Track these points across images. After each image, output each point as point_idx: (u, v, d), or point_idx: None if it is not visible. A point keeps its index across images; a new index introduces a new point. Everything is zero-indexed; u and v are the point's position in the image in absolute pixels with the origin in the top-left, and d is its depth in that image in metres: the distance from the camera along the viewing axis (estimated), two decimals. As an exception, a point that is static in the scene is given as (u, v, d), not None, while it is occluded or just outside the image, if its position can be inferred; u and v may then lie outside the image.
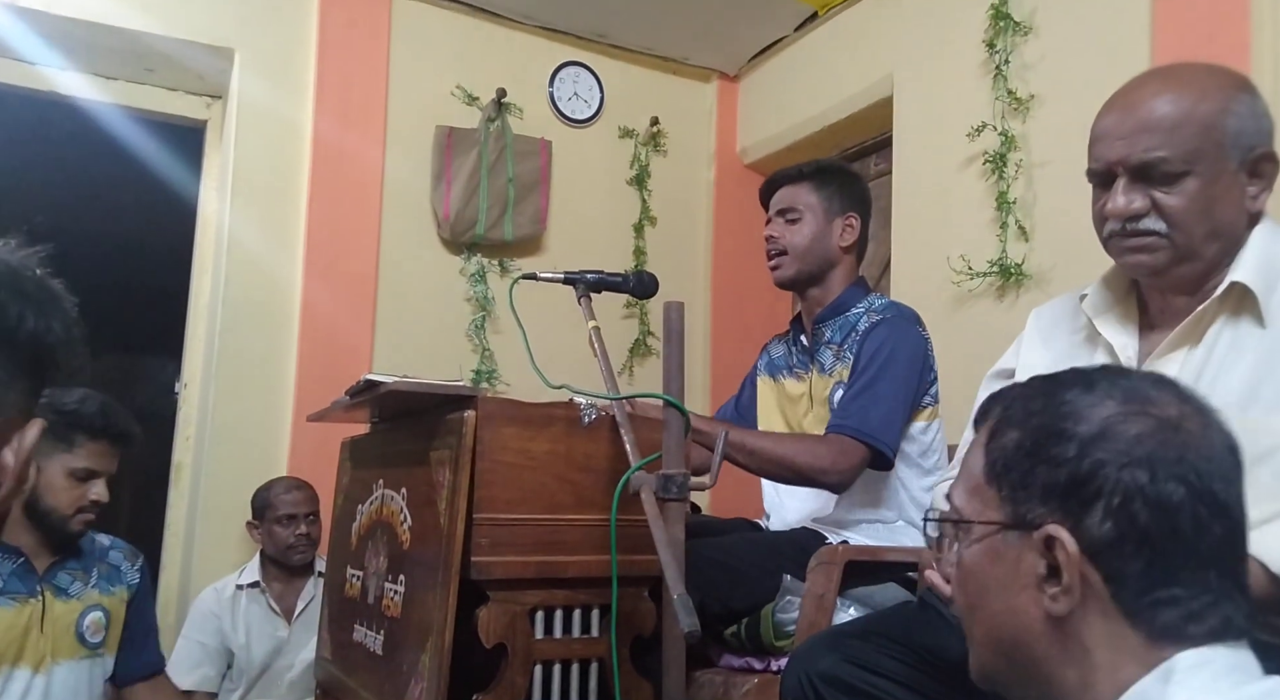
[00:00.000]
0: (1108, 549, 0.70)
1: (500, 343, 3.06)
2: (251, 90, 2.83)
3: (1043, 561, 0.72)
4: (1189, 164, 1.12)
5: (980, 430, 0.81)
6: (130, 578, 1.98)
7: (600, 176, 3.32)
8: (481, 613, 1.44)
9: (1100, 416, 0.72)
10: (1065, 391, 0.75)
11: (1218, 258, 1.16)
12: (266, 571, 2.57)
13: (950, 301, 2.51)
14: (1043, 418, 0.75)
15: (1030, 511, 0.73)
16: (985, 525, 0.76)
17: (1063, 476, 0.72)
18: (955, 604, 0.81)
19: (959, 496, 0.80)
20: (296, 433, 2.74)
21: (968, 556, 0.78)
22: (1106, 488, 0.70)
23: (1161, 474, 0.70)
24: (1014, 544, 0.74)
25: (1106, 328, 1.24)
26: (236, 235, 2.78)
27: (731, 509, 2.29)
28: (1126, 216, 1.15)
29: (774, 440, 1.74)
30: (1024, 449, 0.75)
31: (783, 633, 1.65)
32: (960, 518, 0.80)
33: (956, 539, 0.80)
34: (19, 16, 2.59)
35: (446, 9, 3.09)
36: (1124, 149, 1.15)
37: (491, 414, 1.47)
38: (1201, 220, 1.13)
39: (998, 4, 2.43)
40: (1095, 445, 0.71)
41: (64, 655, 1.82)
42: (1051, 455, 0.72)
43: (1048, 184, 2.33)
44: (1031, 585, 0.73)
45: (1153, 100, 1.15)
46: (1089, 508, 0.70)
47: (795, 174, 1.93)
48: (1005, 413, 0.78)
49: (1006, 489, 0.75)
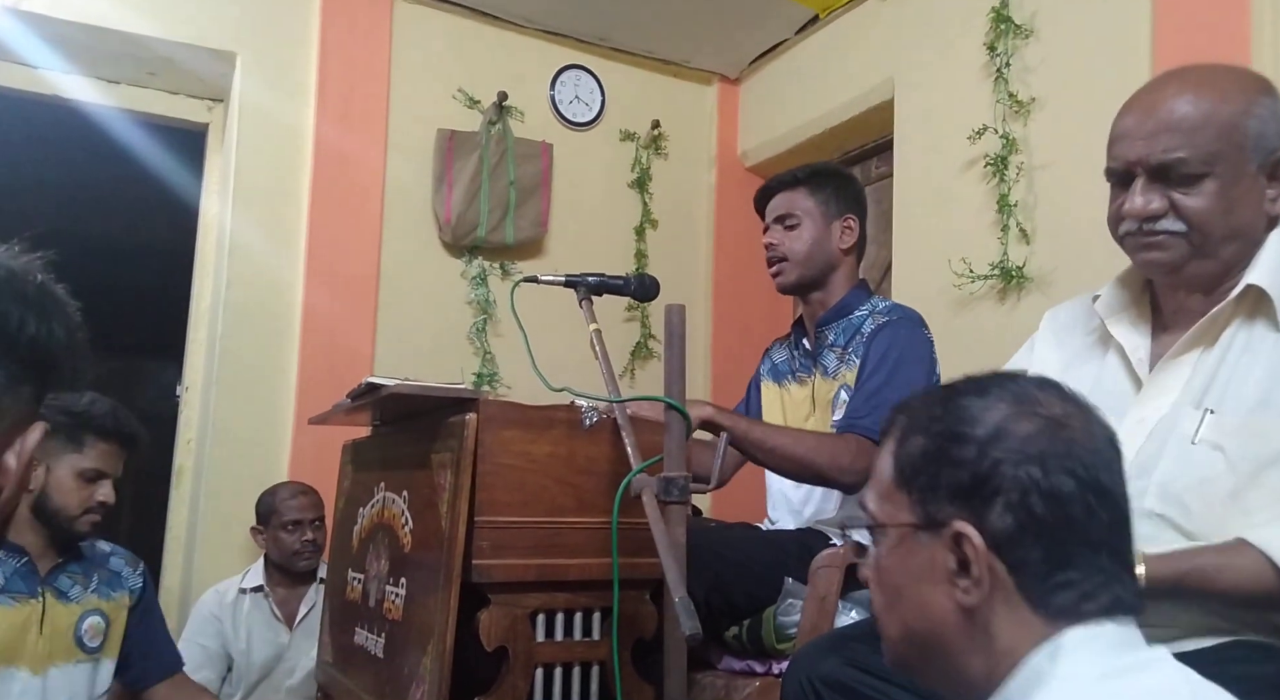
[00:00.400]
0: (1010, 540, 0.75)
1: (501, 345, 3.06)
2: (253, 94, 2.83)
3: (952, 557, 0.77)
4: (1209, 165, 1.12)
5: (885, 439, 0.86)
6: (132, 583, 1.98)
7: (601, 179, 3.32)
8: (483, 616, 1.44)
9: (994, 419, 0.77)
10: (961, 398, 0.80)
11: (1234, 258, 1.15)
12: (270, 577, 2.56)
13: (951, 304, 2.51)
14: (943, 423, 0.79)
15: (939, 511, 0.78)
16: (899, 527, 0.81)
17: (965, 476, 0.77)
18: (874, 603, 0.85)
19: (872, 502, 0.85)
20: (298, 436, 2.74)
21: (884, 558, 0.82)
22: (1005, 484, 0.75)
23: (1053, 468, 0.75)
24: (925, 543, 0.78)
25: (1118, 329, 1.24)
26: (238, 238, 2.79)
27: (733, 512, 2.29)
28: (1144, 217, 1.15)
29: (794, 438, 1.72)
30: (929, 454, 0.79)
31: (784, 635, 1.64)
32: (875, 522, 0.84)
33: (874, 543, 0.85)
34: (21, 20, 2.60)
35: (448, 12, 3.10)
36: (1144, 149, 1.14)
37: (493, 417, 1.47)
38: (1220, 222, 1.13)
39: (998, 7, 2.43)
40: (992, 446, 0.76)
41: (61, 658, 1.82)
42: (954, 457, 0.77)
43: (1049, 186, 2.34)
44: (943, 580, 0.77)
45: (1174, 101, 1.14)
46: (990, 504, 0.75)
47: (790, 179, 1.93)
48: (909, 421, 0.83)
49: (916, 492, 0.80)
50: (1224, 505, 1.07)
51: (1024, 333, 1.43)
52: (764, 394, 2.04)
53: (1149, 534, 1.08)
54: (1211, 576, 1.04)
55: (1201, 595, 1.04)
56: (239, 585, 2.54)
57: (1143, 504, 1.11)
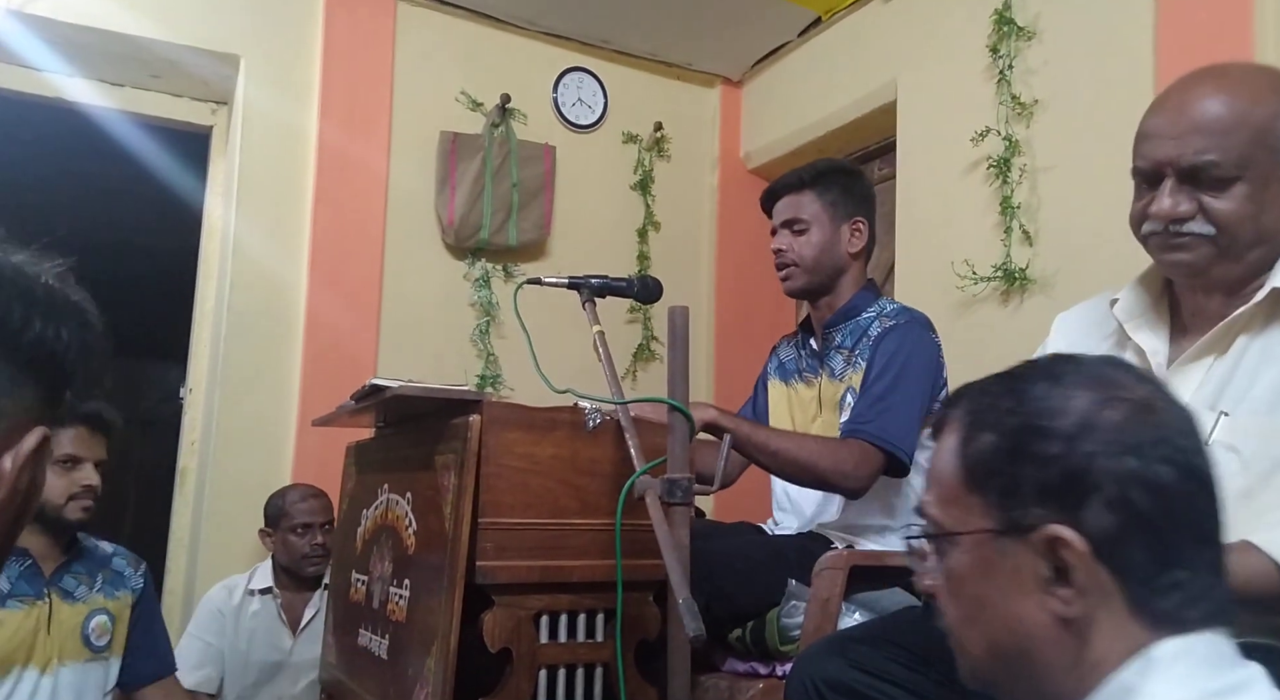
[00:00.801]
0: (1113, 541, 0.68)
1: (504, 347, 3.06)
2: (257, 96, 2.84)
3: (1045, 564, 0.70)
4: (1240, 169, 1.10)
5: (943, 437, 0.79)
6: (134, 583, 1.98)
7: (604, 182, 3.32)
8: (486, 617, 1.44)
9: (1079, 408, 0.71)
10: (1032, 387, 0.74)
11: (1259, 262, 1.14)
12: (277, 579, 2.53)
13: (954, 306, 2.51)
14: (1018, 417, 0.73)
15: (1024, 515, 0.71)
16: (973, 535, 0.74)
17: (1054, 474, 0.70)
18: (946, 613, 0.78)
19: (935, 509, 0.78)
20: (301, 437, 2.74)
21: (957, 568, 0.75)
22: (1102, 479, 0.69)
23: (1150, 456, 0.69)
24: (1009, 550, 0.72)
25: (1138, 332, 1.23)
26: (241, 240, 2.79)
27: (736, 514, 2.29)
28: (1172, 218, 1.13)
29: (796, 442, 1.72)
30: (1005, 451, 0.72)
31: (788, 637, 1.64)
32: (942, 530, 0.76)
33: (939, 552, 0.78)
34: (26, 23, 2.60)
35: (451, 15, 3.10)
36: (1174, 150, 1.12)
37: (496, 418, 1.47)
38: (1249, 225, 1.11)
39: (1001, 9, 2.43)
40: (1081, 438, 0.70)
41: (70, 657, 1.83)
42: (1037, 454, 0.71)
43: (1052, 188, 2.34)
44: (1035, 589, 0.70)
45: (1207, 101, 1.12)
46: (1086, 502, 0.69)
47: (796, 182, 1.91)
48: (973, 417, 0.76)
49: (993, 494, 0.73)
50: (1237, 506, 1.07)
51: (1027, 335, 1.43)
52: (771, 392, 2.03)
53: None
54: None
55: None
56: (247, 586, 2.52)
57: None
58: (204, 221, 3.05)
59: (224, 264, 2.86)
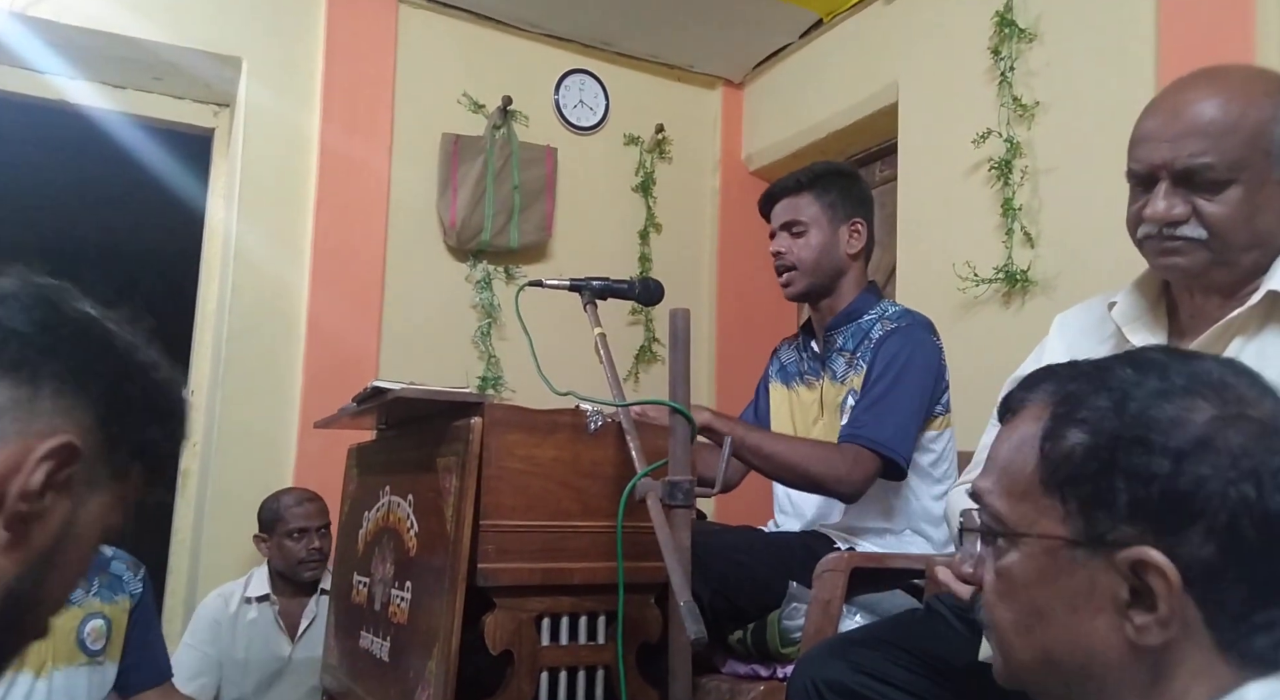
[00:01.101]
0: (1210, 574, 0.62)
1: (505, 349, 3.06)
2: (259, 98, 2.84)
3: (1125, 585, 0.63)
4: (1235, 172, 1.10)
5: (1017, 422, 0.71)
6: (133, 587, 1.97)
7: (605, 183, 3.32)
8: (488, 619, 1.44)
9: (1198, 424, 0.63)
10: (1136, 387, 0.65)
11: (1254, 265, 1.14)
12: (274, 585, 2.50)
13: (956, 308, 2.51)
14: (1119, 423, 0.64)
15: (1111, 531, 0.64)
16: (1044, 539, 0.67)
17: (1155, 493, 0.62)
18: (992, 612, 0.71)
19: (999, 501, 0.70)
20: (303, 439, 2.74)
21: (1017, 568, 0.68)
22: (1211, 506, 0.61)
23: (1269, 486, 0.62)
24: (1083, 562, 0.65)
25: (1136, 336, 1.23)
26: (243, 243, 2.79)
27: (737, 517, 2.29)
28: (1166, 222, 1.13)
29: (789, 445, 1.73)
30: (1098, 458, 0.64)
31: (789, 640, 1.64)
32: (1007, 528, 0.69)
33: (993, 546, 0.71)
34: (28, 26, 2.61)
35: (452, 17, 3.10)
36: (1169, 152, 1.12)
37: (498, 421, 1.47)
38: (1242, 229, 1.11)
39: (1002, 11, 2.43)
40: (1196, 458, 0.62)
41: (64, 661, 1.82)
42: (1138, 469, 0.63)
43: (1053, 190, 2.33)
44: (1109, 609, 0.64)
45: (1201, 104, 1.11)
46: (1188, 528, 0.62)
47: (794, 184, 1.91)
48: (1062, 407, 0.68)
49: (1074, 501, 0.65)
50: None
51: (1028, 336, 1.43)
52: (772, 395, 2.03)
53: None
54: None
55: None
56: (244, 594, 2.49)
57: None
58: (206, 223, 3.06)
59: (226, 266, 2.87)
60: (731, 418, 1.78)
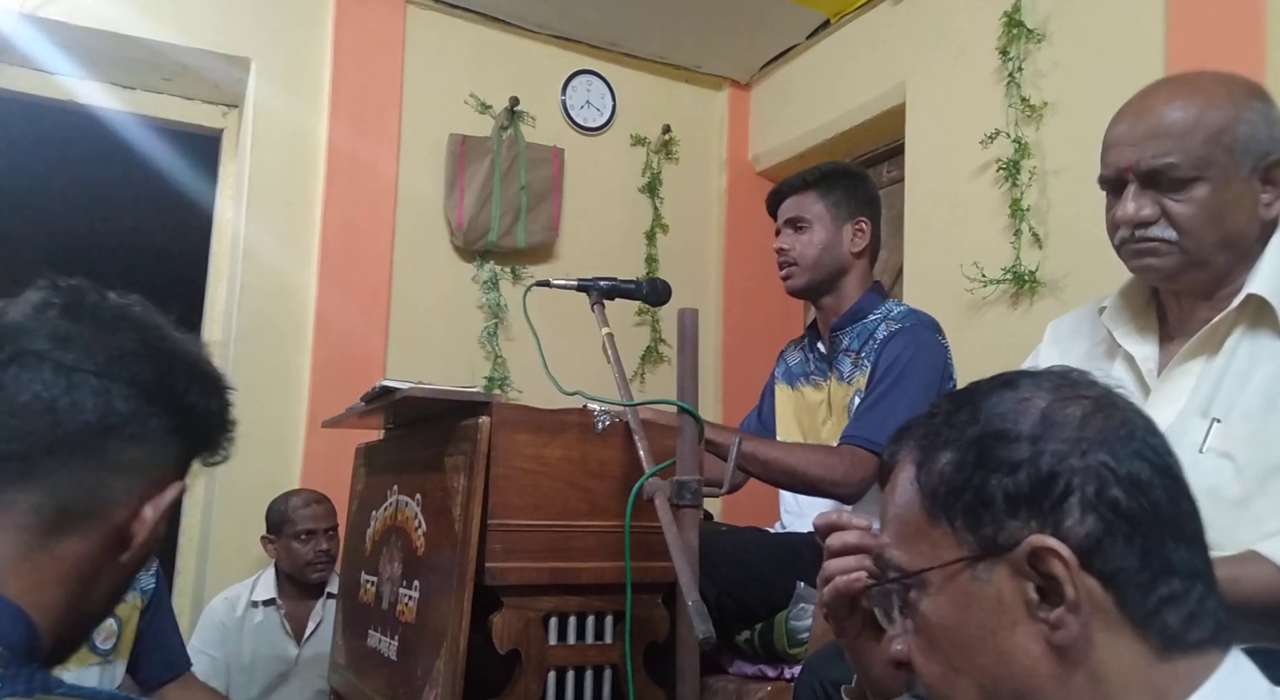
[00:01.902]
0: (1099, 547, 0.61)
1: (512, 349, 3.07)
2: (267, 99, 2.85)
3: (1030, 584, 0.62)
4: (1199, 170, 1.11)
5: (894, 476, 0.72)
6: (144, 583, 1.97)
7: (612, 184, 3.33)
8: (495, 618, 1.45)
9: (1038, 408, 0.65)
10: (988, 396, 0.68)
11: (1231, 265, 1.15)
12: (280, 587, 2.50)
13: (963, 309, 2.51)
14: (976, 426, 0.66)
15: (999, 531, 0.63)
16: (945, 568, 0.65)
17: (1023, 480, 0.63)
18: (923, 673, 0.68)
19: (896, 551, 0.69)
20: (311, 439, 2.75)
21: (932, 611, 0.66)
22: (1075, 479, 0.62)
23: (1122, 452, 0.63)
24: (987, 577, 0.64)
25: (1127, 340, 1.23)
26: (251, 243, 2.80)
27: (744, 517, 2.29)
28: (1135, 223, 1.15)
29: (785, 450, 1.73)
30: (967, 465, 0.65)
31: (796, 640, 1.64)
32: (907, 573, 0.67)
33: (906, 602, 0.69)
34: (39, 27, 2.62)
35: (460, 18, 3.11)
36: (1134, 155, 1.15)
37: (506, 420, 1.48)
38: (1211, 227, 1.13)
39: (1011, 11, 2.43)
40: (1046, 437, 0.64)
41: (75, 662, 1.81)
42: (1001, 460, 0.64)
43: (1062, 191, 2.33)
44: (1023, 618, 0.63)
45: (1163, 107, 1.15)
46: (1063, 506, 0.62)
47: (800, 183, 1.92)
48: (925, 441, 0.69)
49: (960, 517, 0.65)
50: (1234, 513, 1.07)
51: (1036, 338, 1.43)
52: (778, 397, 2.03)
53: None
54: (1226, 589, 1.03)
55: None
56: (249, 597, 2.49)
57: None
58: (214, 223, 3.07)
59: (234, 266, 2.88)
60: (725, 427, 1.79)
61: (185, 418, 0.73)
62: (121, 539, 0.71)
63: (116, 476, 0.69)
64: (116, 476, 0.69)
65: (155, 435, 0.71)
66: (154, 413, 0.71)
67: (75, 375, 0.68)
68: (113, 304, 0.73)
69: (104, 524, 0.69)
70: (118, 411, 0.69)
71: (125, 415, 0.69)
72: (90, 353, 0.69)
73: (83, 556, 0.68)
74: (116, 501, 0.70)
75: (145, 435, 0.70)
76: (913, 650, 0.69)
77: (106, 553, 0.70)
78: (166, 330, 0.75)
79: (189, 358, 0.75)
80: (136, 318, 0.73)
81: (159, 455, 0.72)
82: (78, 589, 0.69)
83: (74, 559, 0.68)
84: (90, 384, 0.68)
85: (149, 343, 0.72)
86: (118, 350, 0.70)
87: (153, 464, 0.71)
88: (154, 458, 0.71)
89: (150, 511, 0.71)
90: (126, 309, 0.74)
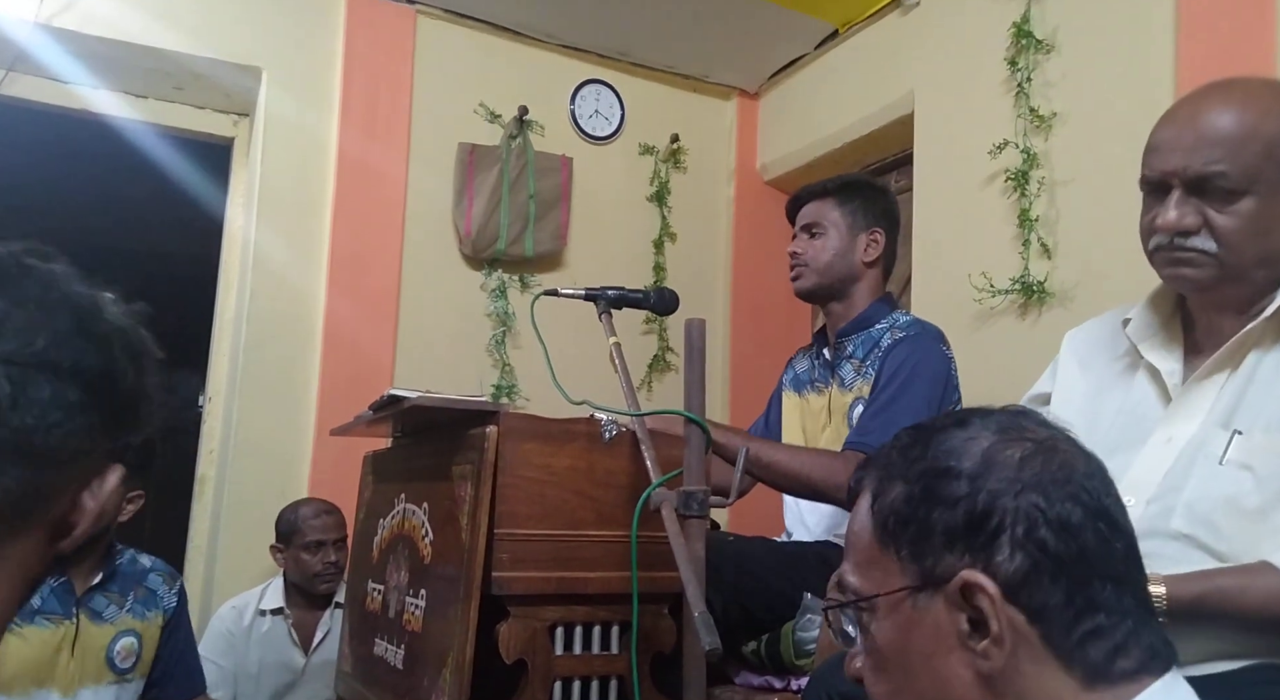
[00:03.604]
0: (1025, 583, 0.65)
1: (520, 358, 3.07)
2: (278, 108, 2.87)
3: (963, 616, 0.66)
4: (1248, 183, 1.08)
5: (856, 503, 0.76)
6: (167, 602, 1.96)
7: (621, 193, 3.33)
8: (502, 628, 1.45)
9: (980, 448, 0.69)
10: (939, 434, 0.72)
11: (1268, 280, 1.13)
12: (289, 597, 2.49)
13: (972, 319, 2.50)
14: (925, 462, 0.70)
15: (937, 564, 0.67)
16: (890, 595, 0.69)
17: (959, 516, 0.67)
18: (873, 695, 0.72)
19: (852, 575, 0.74)
20: (319, 446, 2.76)
21: (880, 635, 0.71)
22: (1007, 519, 0.66)
23: (1055, 495, 0.67)
24: (926, 606, 0.68)
25: (1152, 353, 1.21)
26: (262, 250, 2.82)
27: (751, 527, 2.28)
28: (1177, 231, 1.11)
29: (790, 454, 1.73)
30: (913, 498, 0.69)
31: (803, 651, 1.64)
32: (859, 597, 0.72)
33: (860, 624, 0.73)
34: (53, 36, 2.65)
35: (469, 27, 3.13)
36: (1182, 160, 1.11)
37: (513, 429, 1.48)
38: (1254, 243, 1.10)
39: (1019, 21, 2.43)
40: (984, 477, 0.68)
41: (91, 680, 1.80)
42: (943, 496, 0.68)
43: (1071, 201, 2.33)
44: (956, 647, 0.66)
45: (1217, 114, 1.11)
46: (994, 544, 0.66)
47: (820, 190, 1.95)
48: (882, 471, 0.73)
49: (905, 548, 0.69)
50: (1254, 525, 1.06)
51: (1045, 348, 1.42)
52: (784, 403, 2.04)
53: (1175, 555, 1.07)
54: (1233, 597, 1.02)
55: (1221, 617, 1.03)
56: (257, 605, 2.48)
57: (1169, 524, 1.09)
58: (225, 231, 3.09)
59: (244, 273, 2.89)
60: (733, 429, 1.79)
61: (123, 400, 0.67)
62: (61, 530, 0.66)
63: (53, 471, 0.63)
64: (53, 471, 0.63)
65: (94, 424, 0.65)
66: (95, 402, 0.64)
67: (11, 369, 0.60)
68: (40, 275, 0.65)
69: (44, 519, 0.64)
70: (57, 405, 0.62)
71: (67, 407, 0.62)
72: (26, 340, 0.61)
73: (29, 554, 0.64)
74: (54, 497, 0.64)
75: (85, 427, 0.64)
76: (865, 669, 0.73)
77: (48, 546, 0.65)
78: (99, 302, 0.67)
79: (125, 334, 0.68)
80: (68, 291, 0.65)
81: (97, 443, 0.66)
82: (25, 588, 0.65)
83: (19, 560, 0.63)
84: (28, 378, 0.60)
85: (86, 324, 0.64)
86: (54, 336, 0.62)
87: (90, 452, 0.66)
88: (92, 446, 0.65)
89: (90, 500, 0.67)
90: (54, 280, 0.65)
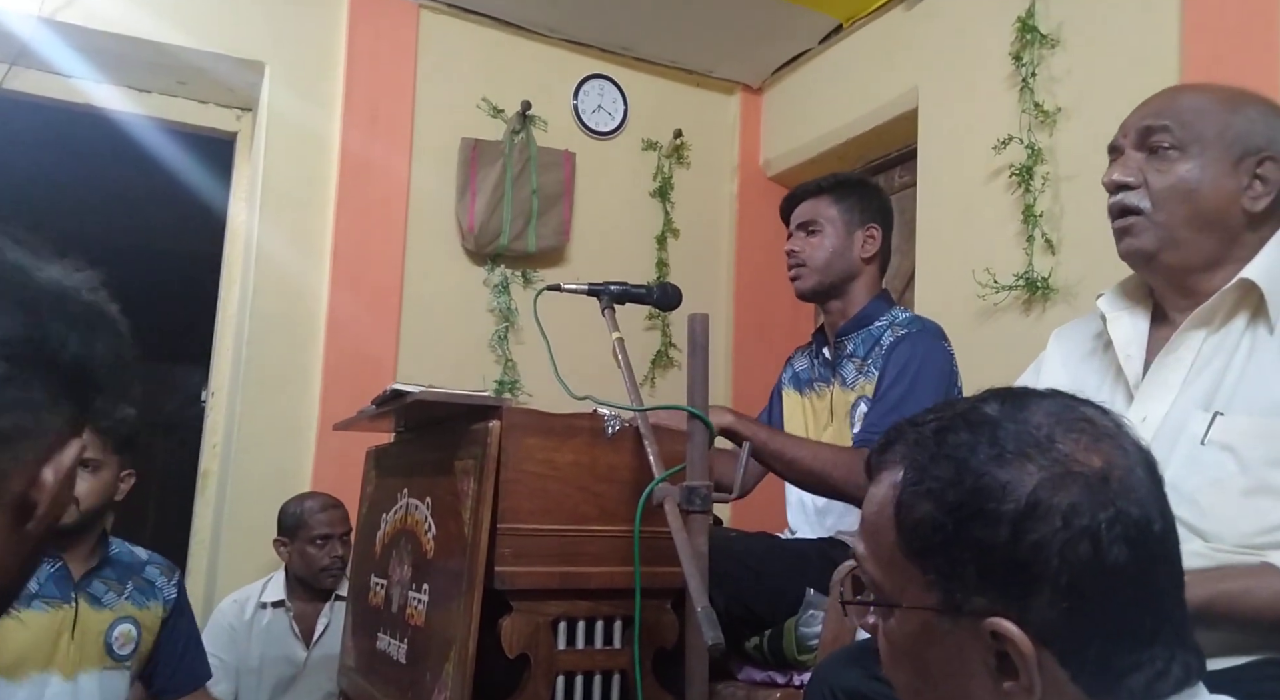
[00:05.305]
0: (1063, 633, 0.63)
1: (523, 353, 3.07)
2: (281, 103, 2.87)
3: (991, 653, 0.64)
4: (1189, 142, 1.17)
5: (877, 484, 0.72)
6: (167, 593, 1.96)
7: (623, 188, 3.33)
8: (504, 623, 1.45)
9: (1026, 489, 0.64)
10: (972, 455, 0.66)
11: (1213, 252, 1.17)
12: (290, 590, 2.49)
13: (975, 315, 2.50)
14: (958, 494, 0.65)
15: (966, 601, 0.65)
16: (915, 610, 0.68)
17: (999, 563, 0.63)
18: (890, 673, 0.73)
19: (872, 567, 0.71)
20: (321, 441, 2.76)
21: (897, 634, 0.69)
22: (1050, 569, 0.62)
23: (1105, 538, 0.63)
24: (950, 630, 0.66)
25: (1117, 328, 1.26)
26: (264, 246, 2.82)
27: (753, 522, 2.28)
28: (1118, 185, 1.21)
29: (813, 451, 1.72)
30: (944, 530, 0.65)
31: (805, 647, 1.64)
32: (880, 594, 0.71)
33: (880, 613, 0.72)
34: (56, 31, 2.65)
35: (472, 22, 3.12)
36: (1136, 120, 1.22)
37: (516, 424, 1.48)
38: (1183, 203, 1.17)
39: (1024, 16, 2.42)
40: (1030, 524, 0.63)
41: (91, 664, 1.82)
42: (980, 540, 0.64)
43: (1075, 197, 2.32)
44: (983, 674, 0.65)
45: (1186, 92, 1.26)
46: (1033, 592, 0.63)
47: (814, 188, 1.94)
48: (911, 477, 0.68)
49: (933, 572, 0.66)
50: (1238, 505, 1.08)
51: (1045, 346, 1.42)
52: (785, 402, 2.03)
53: None
54: (1239, 599, 1.03)
55: (1228, 619, 1.04)
56: (259, 598, 2.48)
57: None
58: (227, 226, 3.09)
59: (247, 268, 2.89)
60: (754, 420, 1.77)
61: (69, 371, 0.63)
62: (23, 509, 0.63)
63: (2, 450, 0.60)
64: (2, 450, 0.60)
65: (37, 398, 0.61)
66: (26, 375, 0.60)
67: None
68: None
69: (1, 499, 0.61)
70: None
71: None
72: None
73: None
74: (7, 474, 0.61)
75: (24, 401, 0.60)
76: (882, 651, 0.72)
77: (13, 529, 0.62)
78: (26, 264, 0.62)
79: (61, 297, 0.63)
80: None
81: (47, 418, 0.62)
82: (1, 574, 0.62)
83: None
84: None
85: (10, 291, 0.60)
86: None
87: (42, 427, 0.62)
88: (42, 422, 0.62)
89: (50, 475, 0.63)
90: None
